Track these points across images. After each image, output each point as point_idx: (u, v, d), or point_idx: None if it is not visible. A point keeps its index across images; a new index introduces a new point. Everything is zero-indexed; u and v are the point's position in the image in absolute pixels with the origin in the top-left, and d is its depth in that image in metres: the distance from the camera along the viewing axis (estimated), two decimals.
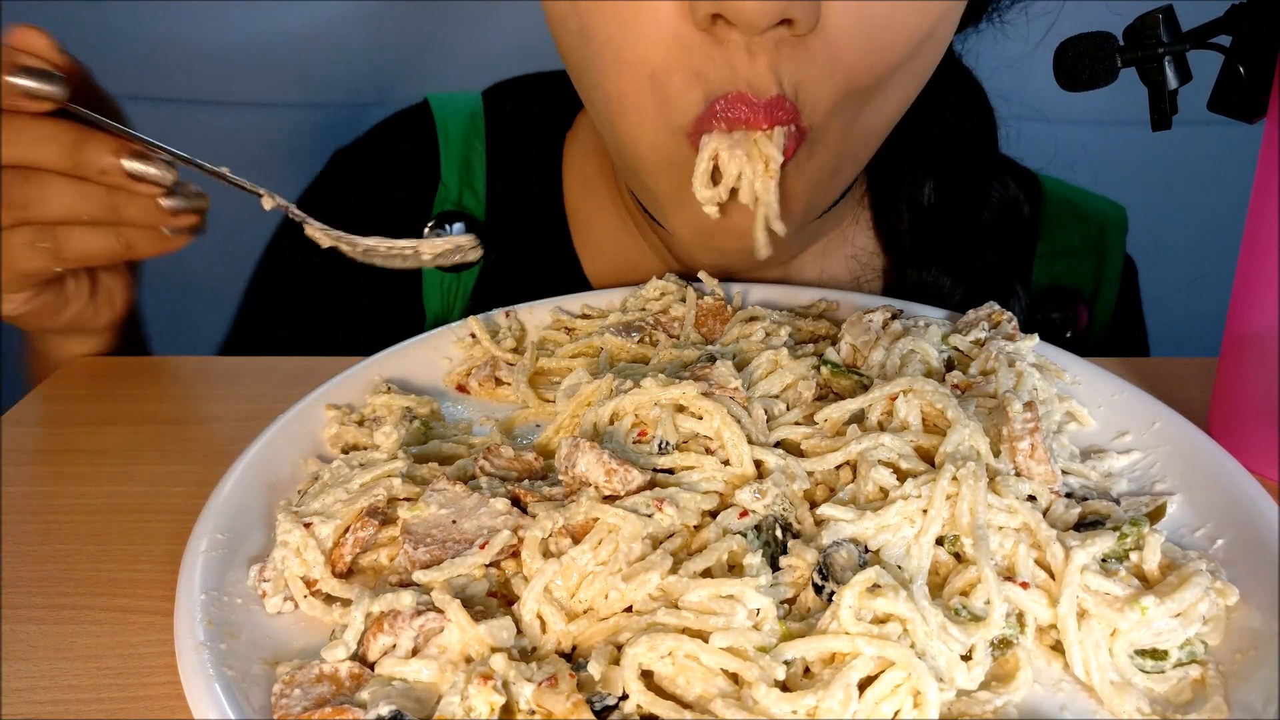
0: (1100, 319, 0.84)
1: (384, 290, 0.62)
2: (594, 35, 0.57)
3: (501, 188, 0.84)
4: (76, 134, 0.53)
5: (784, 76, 0.55)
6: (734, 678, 0.38)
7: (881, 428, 0.50)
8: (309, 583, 0.44)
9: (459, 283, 0.83)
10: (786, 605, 0.42)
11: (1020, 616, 0.42)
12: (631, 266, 0.80)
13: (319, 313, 0.75)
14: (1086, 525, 0.46)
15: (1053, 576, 0.43)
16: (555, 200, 0.83)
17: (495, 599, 0.43)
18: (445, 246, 0.55)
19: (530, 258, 0.82)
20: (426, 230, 0.82)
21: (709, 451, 0.49)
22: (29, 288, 0.60)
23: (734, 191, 0.58)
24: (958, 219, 0.77)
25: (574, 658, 0.41)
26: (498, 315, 0.67)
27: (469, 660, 0.40)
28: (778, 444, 0.51)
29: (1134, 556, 0.44)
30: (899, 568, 0.43)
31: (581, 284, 0.81)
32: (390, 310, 0.60)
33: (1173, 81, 0.55)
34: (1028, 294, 0.78)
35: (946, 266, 0.76)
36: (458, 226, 0.67)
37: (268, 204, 0.56)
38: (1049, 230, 0.83)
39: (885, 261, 0.80)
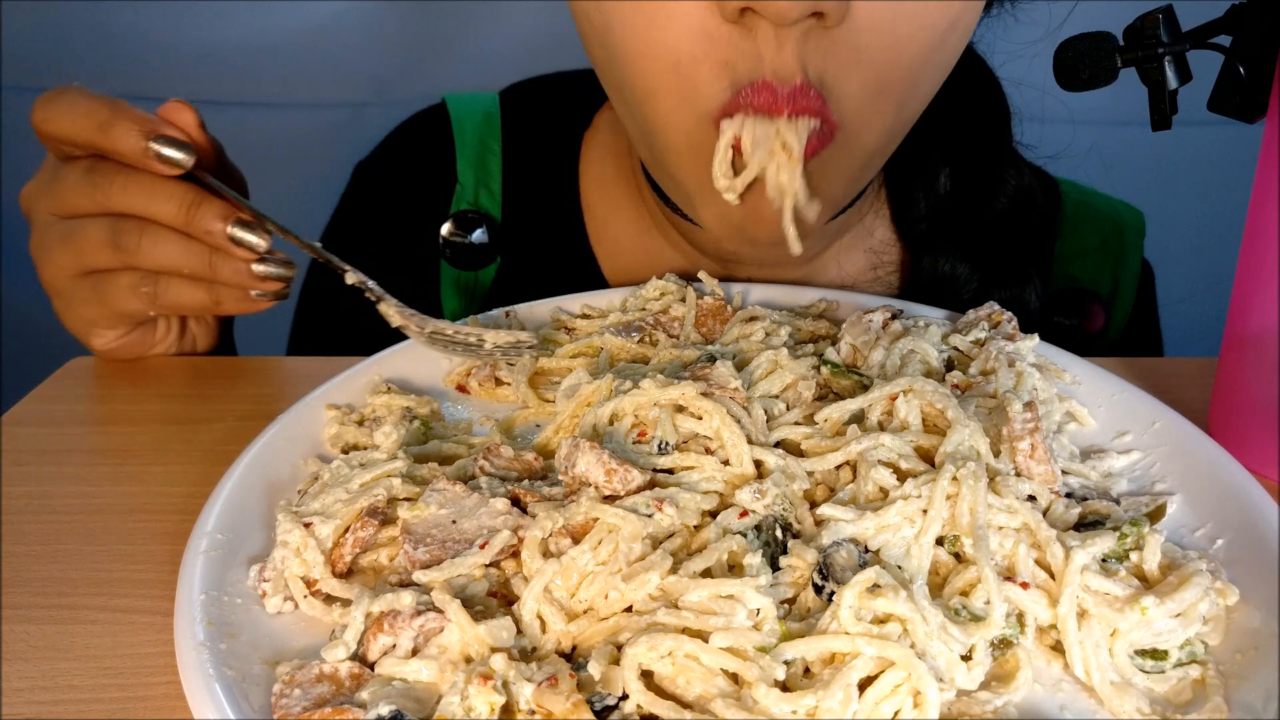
0: (1117, 321, 0.84)
1: (401, 289, 0.63)
2: (617, 29, 0.58)
3: (517, 187, 0.84)
4: (195, 196, 0.59)
5: (809, 66, 0.55)
6: (734, 678, 0.38)
7: (881, 428, 0.50)
8: (309, 583, 0.44)
9: (476, 281, 0.83)
10: (786, 605, 0.42)
11: (1020, 616, 0.42)
12: (650, 264, 0.80)
13: (337, 312, 0.76)
14: (1086, 525, 0.46)
15: (1053, 576, 0.43)
16: (572, 199, 0.83)
17: (495, 599, 0.43)
18: (508, 339, 0.61)
19: (547, 256, 0.82)
20: (445, 229, 0.82)
21: (709, 451, 0.49)
22: (122, 326, 0.65)
23: (758, 182, 0.58)
24: (973, 206, 0.77)
25: (574, 658, 0.41)
26: (498, 315, 0.67)
27: (469, 660, 0.40)
28: (778, 444, 0.51)
29: (1134, 556, 0.44)
30: (899, 568, 0.43)
31: (599, 282, 0.81)
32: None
33: (1173, 81, 0.55)
34: (1044, 283, 0.78)
35: (963, 254, 0.76)
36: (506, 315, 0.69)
37: (350, 279, 0.61)
38: (1067, 231, 0.83)
39: (902, 253, 0.80)
